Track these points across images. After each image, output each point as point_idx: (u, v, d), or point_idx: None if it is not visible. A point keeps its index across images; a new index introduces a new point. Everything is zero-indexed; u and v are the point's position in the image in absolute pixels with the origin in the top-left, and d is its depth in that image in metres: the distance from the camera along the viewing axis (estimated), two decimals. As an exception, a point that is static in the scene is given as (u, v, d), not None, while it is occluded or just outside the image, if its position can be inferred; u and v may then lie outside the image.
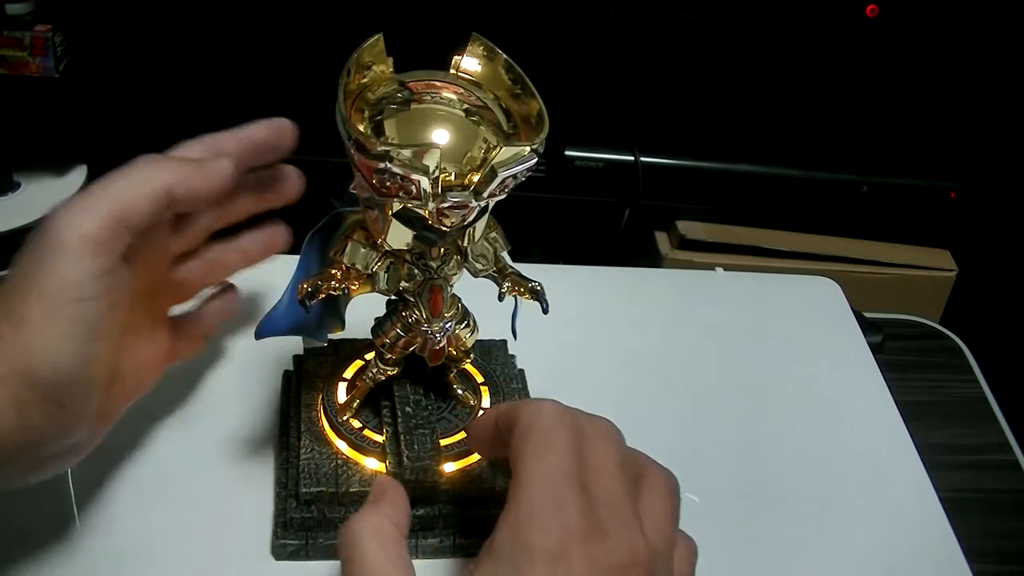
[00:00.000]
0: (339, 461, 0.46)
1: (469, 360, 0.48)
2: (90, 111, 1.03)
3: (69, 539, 0.45)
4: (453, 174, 0.39)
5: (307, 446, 0.47)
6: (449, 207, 0.39)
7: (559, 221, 1.13)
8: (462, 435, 0.47)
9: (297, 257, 0.45)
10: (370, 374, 0.47)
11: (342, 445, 0.47)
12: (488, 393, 0.50)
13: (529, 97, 0.41)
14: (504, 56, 0.42)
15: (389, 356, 0.46)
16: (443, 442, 0.46)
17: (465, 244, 0.43)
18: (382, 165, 0.38)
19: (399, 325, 0.45)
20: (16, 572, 0.43)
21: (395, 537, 0.37)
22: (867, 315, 0.66)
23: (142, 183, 0.40)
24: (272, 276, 0.46)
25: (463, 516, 0.46)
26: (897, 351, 0.66)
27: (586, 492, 0.35)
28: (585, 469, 0.36)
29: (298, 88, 0.93)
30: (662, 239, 1.14)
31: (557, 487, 0.35)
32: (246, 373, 0.54)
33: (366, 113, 0.40)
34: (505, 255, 0.45)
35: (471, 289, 0.46)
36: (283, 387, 0.53)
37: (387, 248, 0.42)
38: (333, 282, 0.43)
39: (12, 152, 1.03)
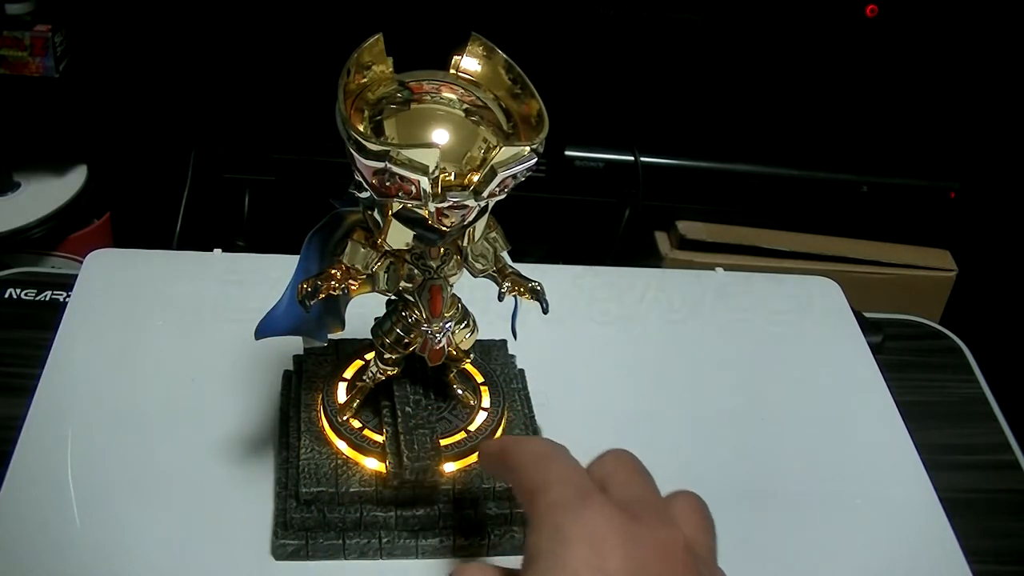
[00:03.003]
0: (339, 461, 0.46)
1: (469, 360, 0.48)
2: (90, 111, 1.03)
3: (69, 539, 0.45)
4: (453, 174, 0.39)
5: (307, 446, 0.47)
6: (449, 207, 0.39)
7: (559, 221, 1.13)
8: (462, 435, 0.47)
9: (297, 257, 0.45)
10: (370, 374, 0.47)
11: (342, 445, 0.47)
12: (488, 393, 0.49)
13: (529, 97, 0.41)
14: (504, 56, 0.42)
15: (389, 356, 0.46)
16: (443, 442, 0.46)
17: (465, 244, 0.43)
18: (382, 165, 0.38)
19: (399, 325, 0.45)
20: (16, 572, 0.43)
21: None
22: (867, 315, 0.66)
23: None
24: (272, 276, 0.46)
25: (463, 516, 0.46)
26: (897, 351, 0.66)
27: (607, 492, 0.35)
28: (601, 479, 0.36)
29: (298, 88, 0.93)
30: (662, 239, 1.14)
31: (577, 484, 0.34)
32: (246, 373, 0.54)
33: (366, 113, 0.40)
34: (505, 255, 0.45)
35: (471, 289, 0.46)
36: (283, 387, 0.53)
37: (387, 248, 0.42)
38: (333, 282, 0.43)
39: (12, 152, 1.03)
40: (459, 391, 0.49)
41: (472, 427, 0.48)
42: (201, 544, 0.45)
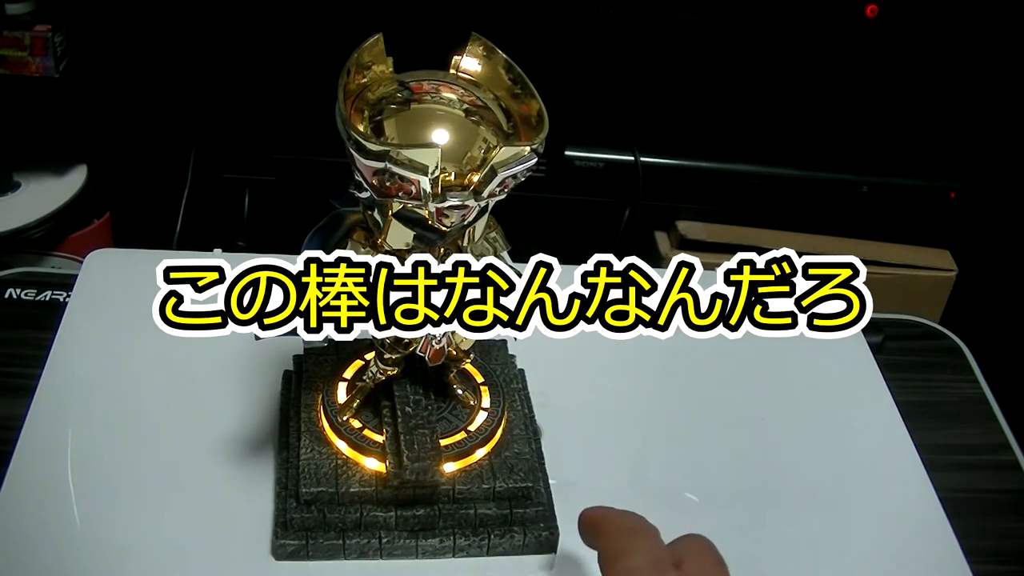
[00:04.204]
0: (339, 461, 0.46)
1: (469, 360, 0.48)
2: (90, 111, 1.03)
3: (69, 539, 0.45)
4: (453, 174, 0.39)
5: (307, 446, 0.47)
6: (449, 207, 0.39)
7: (559, 221, 1.13)
8: (462, 435, 0.47)
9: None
10: (370, 374, 0.47)
11: (342, 445, 0.47)
12: (488, 393, 0.49)
13: (529, 97, 0.41)
14: (504, 56, 0.42)
15: (389, 356, 0.46)
16: (443, 442, 0.46)
17: (465, 244, 0.43)
18: (382, 165, 0.38)
19: (399, 325, 0.45)
20: (16, 572, 0.43)
21: None
22: (867, 315, 0.66)
23: None
24: (272, 276, 0.46)
25: (463, 516, 0.46)
26: (897, 351, 0.66)
27: (681, 569, 0.36)
28: (679, 558, 0.37)
29: (298, 88, 0.93)
30: (662, 239, 1.14)
31: (654, 558, 0.36)
32: (246, 373, 0.54)
33: (366, 113, 0.40)
34: (505, 255, 0.45)
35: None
36: (283, 387, 0.53)
37: (387, 248, 0.42)
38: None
39: (12, 152, 1.03)
40: (459, 391, 0.49)
41: (472, 427, 0.48)
42: (201, 544, 0.45)
